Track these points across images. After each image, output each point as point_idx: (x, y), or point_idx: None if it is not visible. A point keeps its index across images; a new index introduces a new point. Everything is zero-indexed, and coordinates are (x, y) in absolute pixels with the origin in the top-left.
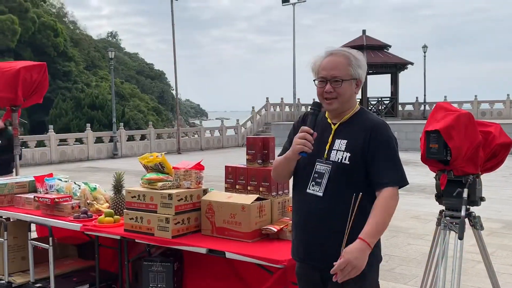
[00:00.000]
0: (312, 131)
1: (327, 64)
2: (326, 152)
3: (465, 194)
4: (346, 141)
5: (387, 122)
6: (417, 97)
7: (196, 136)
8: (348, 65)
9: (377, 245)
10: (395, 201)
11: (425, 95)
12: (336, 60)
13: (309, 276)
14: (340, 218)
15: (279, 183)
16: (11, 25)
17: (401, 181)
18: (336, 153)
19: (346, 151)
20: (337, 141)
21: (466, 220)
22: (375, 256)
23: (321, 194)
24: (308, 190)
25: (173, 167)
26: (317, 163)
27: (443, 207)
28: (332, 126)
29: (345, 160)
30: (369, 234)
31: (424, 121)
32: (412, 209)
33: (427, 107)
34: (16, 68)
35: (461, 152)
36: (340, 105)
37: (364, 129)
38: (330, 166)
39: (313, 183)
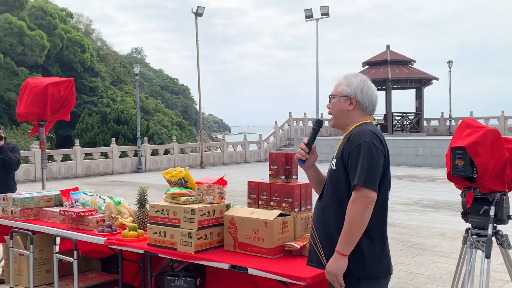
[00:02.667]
0: (306, 141)
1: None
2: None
3: (492, 212)
4: (337, 149)
5: (414, 138)
6: (442, 113)
7: (219, 150)
8: (339, 84)
9: (364, 260)
10: (358, 203)
11: (450, 111)
12: (337, 82)
13: None
14: (330, 219)
15: (302, 199)
16: (40, 40)
17: (360, 180)
18: (332, 161)
19: (335, 158)
20: (336, 151)
21: (493, 238)
22: (361, 270)
23: (319, 198)
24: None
25: (196, 182)
26: None
27: (469, 225)
28: (340, 141)
29: (333, 166)
30: (339, 243)
31: (450, 137)
32: (438, 226)
33: (453, 123)
34: (44, 84)
35: (487, 169)
36: (334, 120)
37: (347, 137)
38: (328, 173)
39: (322, 189)
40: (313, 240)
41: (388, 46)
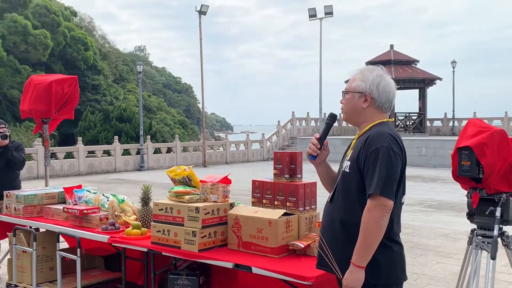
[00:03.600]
0: (318, 136)
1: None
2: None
3: (498, 213)
4: (352, 151)
5: (417, 138)
6: (445, 113)
7: (221, 149)
8: (354, 80)
9: (377, 265)
10: (374, 212)
11: (454, 111)
12: (352, 76)
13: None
14: (338, 224)
15: (307, 198)
16: (44, 40)
17: (378, 189)
18: (345, 162)
19: (349, 160)
20: (350, 152)
21: (499, 239)
22: (375, 276)
23: (329, 201)
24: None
25: (200, 181)
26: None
27: (474, 226)
28: (354, 140)
29: (346, 168)
30: (355, 254)
31: (453, 137)
32: (441, 227)
33: (456, 123)
34: (48, 81)
35: (494, 170)
36: (346, 115)
37: (363, 139)
38: (340, 175)
39: (333, 191)
40: (321, 246)
41: (391, 46)
